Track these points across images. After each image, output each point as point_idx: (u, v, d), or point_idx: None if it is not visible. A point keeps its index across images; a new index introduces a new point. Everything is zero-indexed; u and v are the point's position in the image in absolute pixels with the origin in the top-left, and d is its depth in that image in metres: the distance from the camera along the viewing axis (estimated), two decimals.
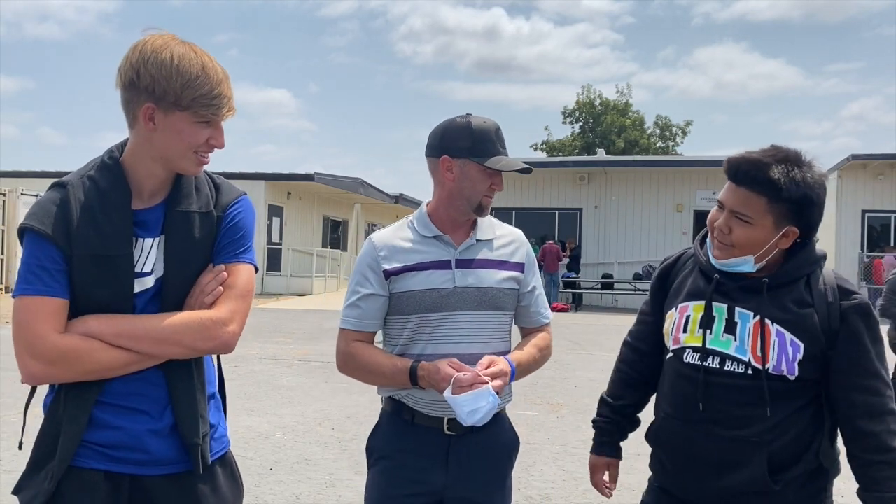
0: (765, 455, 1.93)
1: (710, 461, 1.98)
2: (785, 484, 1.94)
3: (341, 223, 30.67)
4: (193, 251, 1.84)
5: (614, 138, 43.16)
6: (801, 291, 1.96)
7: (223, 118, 1.81)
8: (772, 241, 1.95)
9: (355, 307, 2.28)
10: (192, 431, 1.83)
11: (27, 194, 19.13)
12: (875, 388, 1.91)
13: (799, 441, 1.95)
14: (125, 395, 1.80)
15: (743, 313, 1.98)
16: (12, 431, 6.05)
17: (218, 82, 1.77)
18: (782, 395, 1.94)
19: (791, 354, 1.92)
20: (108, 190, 1.79)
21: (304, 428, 6.56)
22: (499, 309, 2.29)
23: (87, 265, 1.74)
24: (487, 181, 2.24)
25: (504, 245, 2.35)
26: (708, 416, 1.98)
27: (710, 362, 1.99)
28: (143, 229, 1.82)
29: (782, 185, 1.90)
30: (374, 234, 2.36)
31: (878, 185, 21.77)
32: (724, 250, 1.99)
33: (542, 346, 2.39)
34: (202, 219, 1.86)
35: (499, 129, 2.28)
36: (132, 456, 1.81)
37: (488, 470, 2.29)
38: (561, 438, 6.43)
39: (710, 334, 2.00)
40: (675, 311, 2.10)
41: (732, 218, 1.96)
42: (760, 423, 1.93)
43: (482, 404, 2.04)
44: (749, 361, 1.95)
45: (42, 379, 1.76)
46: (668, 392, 2.11)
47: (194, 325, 1.78)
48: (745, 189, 1.94)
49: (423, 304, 2.22)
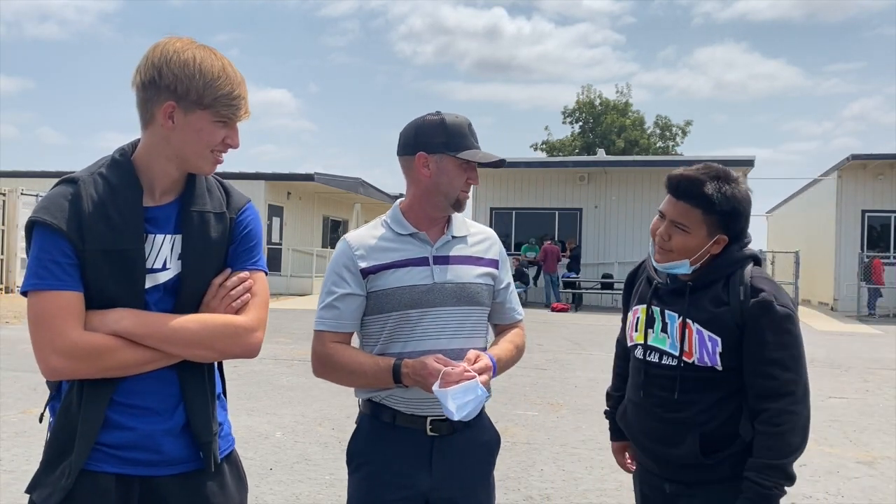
0: (696, 435, 2.22)
1: (657, 437, 2.32)
2: (721, 460, 2.21)
3: (341, 223, 30.69)
4: (209, 251, 1.87)
5: (614, 138, 43.17)
6: (718, 292, 2.26)
7: (240, 119, 1.85)
8: (705, 247, 2.26)
9: (332, 308, 2.25)
10: (206, 430, 1.85)
11: (27, 194, 19.14)
12: (771, 374, 2.16)
13: (731, 423, 2.23)
14: (138, 394, 1.81)
15: (671, 315, 2.31)
16: (12, 432, 6.04)
17: (237, 83, 1.82)
18: (710, 384, 2.24)
19: (711, 348, 2.22)
20: (120, 186, 1.80)
21: (304, 428, 6.56)
22: (477, 304, 2.29)
23: (99, 260, 1.75)
24: (463, 175, 2.25)
25: (478, 242, 2.37)
26: (652, 402, 2.32)
27: (651, 356, 2.34)
28: (154, 226, 1.84)
29: (715, 199, 2.21)
30: (348, 235, 2.35)
31: (878, 185, 21.77)
32: (664, 255, 2.31)
33: (518, 343, 2.40)
34: (217, 219, 1.89)
35: (470, 124, 2.28)
36: (143, 457, 1.81)
37: (472, 469, 2.28)
38: (561, 438, 6.39)
39: (652, 333, 2.34)
40: (630, 314, 2.47)
41: (672, 227, 2.28)
42: (690, 407, 2.24)
43: (471, 398, 2.04)
44: (679, 356, 2.27)
45: (64, 374, 1.76)
46: (629, 380, 2.46)
47: (229, 331, 1.83)
48: (683, 202, 2.26)
49: (404, 300, 2.22)
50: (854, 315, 19.72)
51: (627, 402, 2.44)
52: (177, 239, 1.85)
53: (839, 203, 21.94)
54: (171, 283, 1.84)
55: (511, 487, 5.02)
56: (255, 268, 1.93)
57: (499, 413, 6.96)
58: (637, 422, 2.39)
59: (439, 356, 2.12)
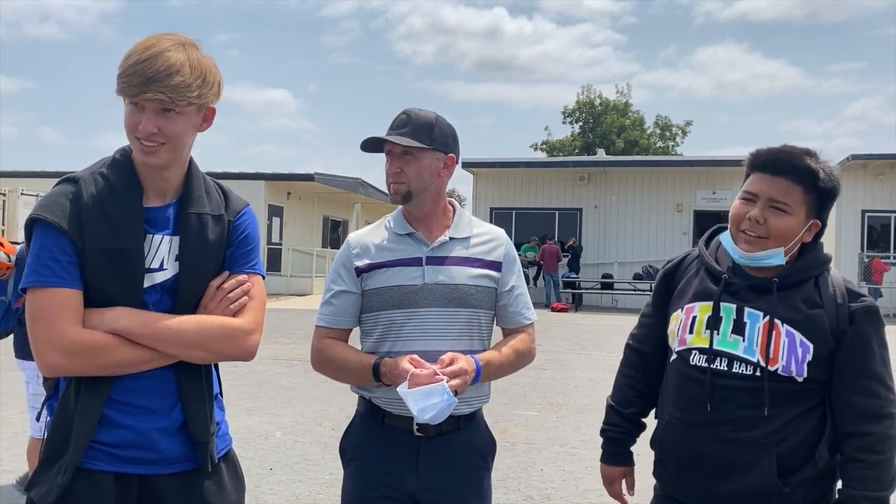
0: (773, 457, 1.91)
1: (718, 464, 1.96)
2: (794, 486, 1.93)
3: (341, 223, 30.67)
4: (207, 252, 1.87)
5: (614, 138, 43.15)
6: (810, 292, 1.95)
7: (143, 100, 1.72)
8: (800, 233, 1.96)
9: (329, 304, 2.30)
10: (203, 430, 1.85)
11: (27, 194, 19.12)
12: (873, 391, 1.90)
13: (807, 443, 1.94)
14: (135, 393, 1.81)
15: (752, 313, 1.96)
16: (12, 432, 6.05)
17: (141, 59, 1.70)
18: (790, 397, 1.93)
19: (801, 355, 1.91)
20: (120, 186, 1.81)
21: (303, 428, 6.56)
22: (469, 306, 2.26)
23: (99, 259, 1.76)
24: (387, 166, 2.29)
25: (481, 243, 2.34)
26: (715, 419, 1.95)
27: (718, 364, 1.97)
28: (153, 226, 1.84)
29: (820, 175, 1.92)
30: (351, 234, 2.39)
31: (879, 185, 21.76)
32: (756, 243, 1.95)
33: (519, 348, 2.34)
34: (215, 221, 1.89)
35: (401, 113, 2.29)
36: (141, 455, 1.81)
37: (461, 473, 2.26)
38: (561, 438, 6.39)
39: (718, 335, 1.98)
40: (682, 313, 2.07)
41: (768, 208, 1.94)
42: (766, 424, 1.92)
43: (436, 401, 2.00)
44: (758, 362, 1.93)
45: (62, 371, 1.76)
46: (672, 395, 2.08)
47: (226, 333, 1.83)
48: (783, 178, 1.93)
49: (391, 300, 2.23)
50: None
51: (673, 422, 2.05)
52: (175, 240, 1.85)
53: (839, 203, 21.58)
54: (168, 284, 1.84)
55: (511, 487, 5.03)
56: (253, 271, 1.93)
57: (499, 413, 6.96)
58: (688, 446, 2.01)
59: (414, 357, 2.11)
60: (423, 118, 2.27)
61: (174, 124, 1.76)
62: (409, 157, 2.24)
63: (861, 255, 20.50)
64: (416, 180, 2.25)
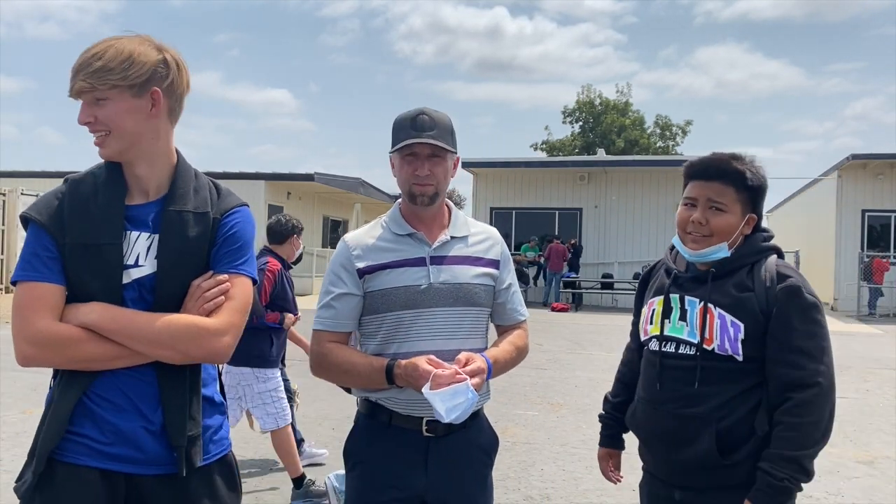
0: (713, 432, 2.10)
1: (670, 438, 2.19)
2: (735, 462, 2.09)
3: (341, 223, 30.68)
4: (185, 250, 1.85)
5: (614, 138, 43.17)
6: (742, 278, 2.18)
7: (76, 95, 1.82)
8: (739, 227, 2.20)
9: (329, 307, 2.26)
10: (179, 432, 1.82)
11: (27, 194, 19.13)
12: (797, 363, 2.07)
13: (747, 420, 2.11)
14: (117, 391, 1.81)
15: (691, 300, 2.21)
16: (12, 432, 6.05)
17: (87, 57, 1.79)
18: (729, 376, 2.13)
19: (733, 334, 2.12)
20: (104, 184, 1.85)
21: (304, 427, 6.55)
22: (474, 305, 2.28)
23: (78, 253, 1.78)
24: (409, 168, 2.24)
25: (478, 242, 2.36)
26: (664, 397, 2.21)
27: (667, 347, 2.23)
28: (133, 223, 1.85)
29: (747, 175, 2.19)
30: (347, 235, 2.36)
31: (878, 185, 21.77)
32: (702, 241, 2.20)
33: (518, 344, 2.38)
34: (196, 219, 1.88)
35: (420, 115, 2.23)
36: (128, 454, 1.81)
37: (468, 471, 2.27)
38: (561, 438, 6.40)
39: (669, 323, 2.24)
40: (645, 307, 2.37)
41: (707, 209, 2.20)
42: (708, 401, 2.12)
43: (461, 400, 2.02)
44: (699, 343, 2.16)
45: (33, 362, 1.78)
46: (640, 378, 2.35)
47: (191, 332, 1.80)
48: (717, 182, 2.20)
49: (398, 301, 2.21)
50: (854, 315, 19.72)
51: (638, 401, 2.33)
52: (154, 238, 1.85)
53: (839, 203, 21.93)
54: (147, 281, 1.83)
55: (511, 487, 5.03)
56: (237, 271, 1.88)
57: (499, 413, 6.96)
58: (647, 421, 2.27)
59: (431, 357, 2.10)
60: (444, 120, 2.28)
61: (104, 110, 1.81)
62: (436, 158, 2.24)
63: (861, 254, 20.50)
64: (443, 182, 2.28)
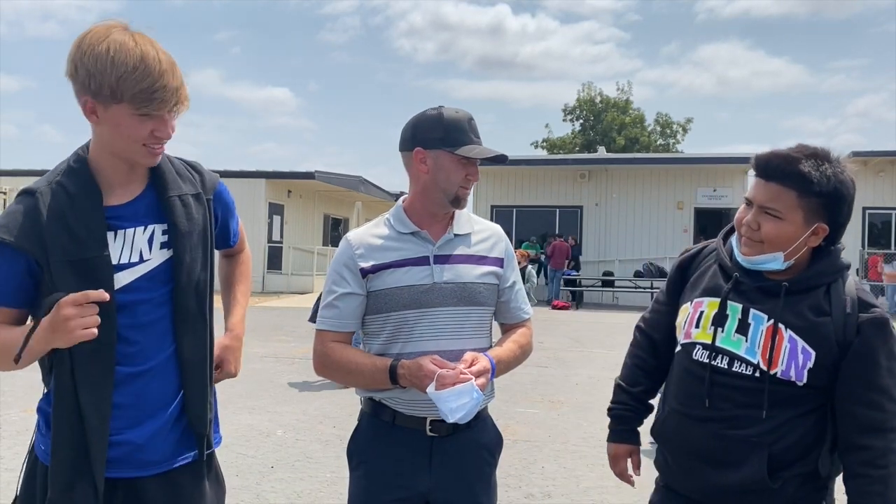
0: (765, 455, 1.92)
1: (712, 458, 1.99)
2: (784, 481, 1.94)
3: (342, 221, 30.67)
4: (196, 232, 1.89)
5: (615, 136, 43.13)
6: (819, 299, 1.95)
7: (166, 112, 1.74)
8: (801, 237, 1.93)
9: (332, 307, 2.24)
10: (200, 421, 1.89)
11: None
12: (879, 404, 1.89)
13: (800, 445, 1.95)
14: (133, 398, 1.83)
15: (757, 315, 1.96)
16: (13, 431, 6.05)
17: (159, 74, 1.69)
18: (788, 400, 1.94)
19: (801, 361, 1.91)
20: (78, 194, 1.79)
21: (305, 426, 6.56)
22: (478, 304, 2.26)
23: (65, 271, 1.74)
24: (462, 171, 2.22)
25: (483, 240, 2.33)
26: (712, 415, 1.98)
27: (719, 361, 1.99)
28: (124, 221, 1.83)
29: (813, 178, 1.89)
30: (350, 233, 2.32)
31: (879, 182, 21.74)
32: (753, 247, 1.97)
33: (522, 343, 2.36)
34: (196, 200, 1.91)
35: (471, 119, 2.23)
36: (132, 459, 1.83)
37: (472, 470, 2.26)
38: (562, 436, 6.40)
39: (722, 332, 1.99)
40: (690, 306, 2.09)
41: (761, 213, 1.95)
42: (762, 424, 1.93)
43: (466, 400, 2.01)
44: (758, 364, 1.94)
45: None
46: (675, 387, 2.11)
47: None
48: (774, 184, 1.93)
49: (402, 301, 2.19)
50: None
51: (673, 413, 2.09)
52: (155, 228, 1.84)
53: None
54: (157, 273, 1.83)
55: (512, 485, 5.03)
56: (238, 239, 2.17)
57: (500, 411, 6.96)
58: (685, 437, 2.04)
59: (436, 357, 2.09)
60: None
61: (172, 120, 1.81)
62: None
63: (862, 252, 20.49)
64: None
